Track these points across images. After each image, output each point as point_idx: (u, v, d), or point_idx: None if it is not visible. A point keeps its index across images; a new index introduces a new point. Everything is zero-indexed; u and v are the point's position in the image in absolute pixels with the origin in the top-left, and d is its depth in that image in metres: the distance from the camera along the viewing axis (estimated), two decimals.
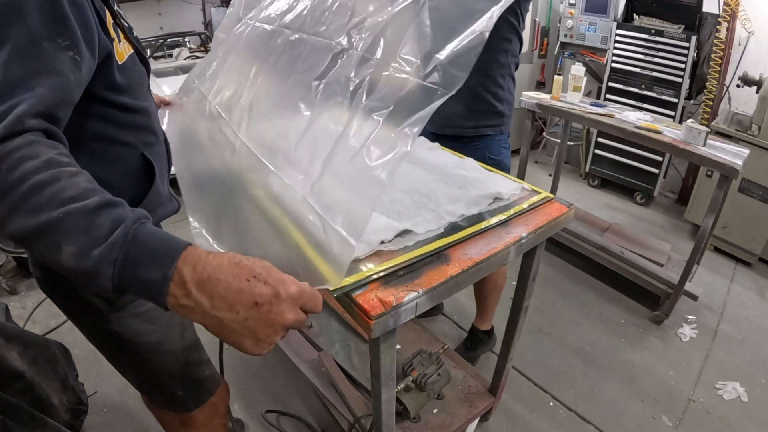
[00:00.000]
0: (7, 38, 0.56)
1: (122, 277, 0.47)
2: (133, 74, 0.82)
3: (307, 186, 0.74)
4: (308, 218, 0.70)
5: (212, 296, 0.47)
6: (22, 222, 0.47)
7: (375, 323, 0.75)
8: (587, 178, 3.82)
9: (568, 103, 2.46)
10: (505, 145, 1.61)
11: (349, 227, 0.64)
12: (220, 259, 0.48)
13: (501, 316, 2.09)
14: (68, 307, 0.91)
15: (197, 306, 0.47)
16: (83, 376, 1.67)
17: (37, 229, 0.47)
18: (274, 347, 0.51)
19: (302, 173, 0.77)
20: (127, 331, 0.89)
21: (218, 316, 0.47)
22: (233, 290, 0.47)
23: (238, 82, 1.11)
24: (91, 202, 0.48)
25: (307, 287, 0.52)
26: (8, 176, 0.48)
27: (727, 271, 2.69)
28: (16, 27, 0.57)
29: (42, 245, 0.48)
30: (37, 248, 0.49)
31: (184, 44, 6.13)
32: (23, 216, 0.47)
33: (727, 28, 2.94)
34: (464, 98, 1.51)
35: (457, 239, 0.92)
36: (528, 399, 1.77)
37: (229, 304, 0.47)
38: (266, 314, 0.48)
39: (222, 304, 0.47)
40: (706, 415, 1.72)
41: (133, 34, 0.86)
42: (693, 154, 1.92)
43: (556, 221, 1.06)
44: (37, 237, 0.48)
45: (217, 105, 1.12)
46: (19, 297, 2.27)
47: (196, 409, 1.06)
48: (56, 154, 0.52)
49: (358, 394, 1.51)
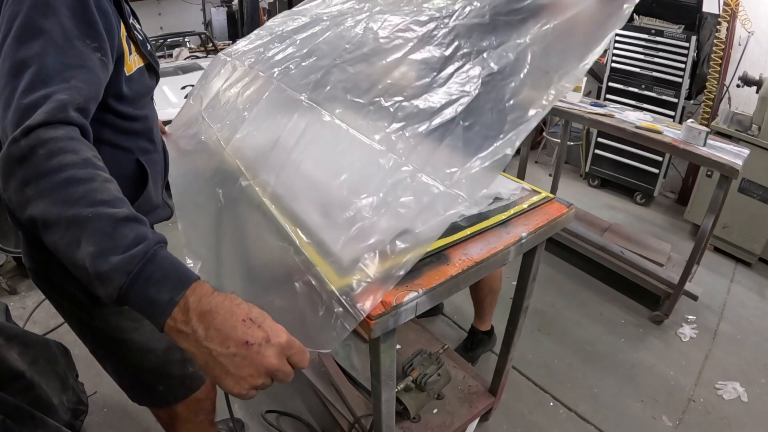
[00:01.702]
0: (41, 31, 0.58)
1: (131, 289, 0.48)
2: (139, 86, 0.84)
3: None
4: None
5: (208, 327, 0.49)
6: (49, 209, 0.49)
7: (375, 323, 0.75)
8: (587, 178, 3.82)
9: (568, 103, 2.46)
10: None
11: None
12: (224, 297, 0.51)
13: (501, 316, 2.09)
14: (56, 299, 0.92)
15: (192, 334, 0.49)
16: (83, 376, 1.67)
17: (62, 220, 0.48)
18: (253, 396, 0.51)
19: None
20: (108, 327, 0.91)
21: (209, 348, 0.49)
22: (229, 326, 0.49)
23: (264, 147, 1.08)
24: (120, 211, 0.50)
25: (297, 342, 0.53)
26: (45, 162, 0.50)
27: (727, 271, 2.69)
28: (51, 21, 0.59)
29: (61, 236, 0.49)
30: (54, 237, 0.49)
31: (184, 44, 6.14)
32: (51, 204, 0.49)
33: (727, 28, 2.94)
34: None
35: (457, 239, 0.92)
36: (528, 399, 1.77)
37: (222, 337, 0.48)
38: (254, 354, 0.49)
39: (215, 337, 0.49)
40: (706, 415, 1.72)
41: (147, 48, 0.88)
42: (693, 154, 1.92)
43: (556, 221, 1.06)
44: (59, 227, 0.49)
45: (239, 162, 1.08)
46: (19, 297, 2.27)
47: (177, 403, 1.06)
48: (93, 156, 0.54)
49: (358, 394, 1.51)
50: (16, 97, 0.54)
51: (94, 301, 0.88)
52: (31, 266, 0.90)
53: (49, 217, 0.49)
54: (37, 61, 0.56)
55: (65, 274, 0.85)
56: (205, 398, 1.13)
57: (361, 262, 0.76)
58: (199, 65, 4.14)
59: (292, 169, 0.99)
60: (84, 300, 0.88)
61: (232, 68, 1.43)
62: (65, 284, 0.87)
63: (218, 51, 5.84)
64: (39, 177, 0.49)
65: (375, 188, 0.84)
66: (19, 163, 0.50)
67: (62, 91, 0.55)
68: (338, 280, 0.78)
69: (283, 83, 1.18)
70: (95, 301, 0.88)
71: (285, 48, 1.31)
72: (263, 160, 1.04)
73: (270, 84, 1.20)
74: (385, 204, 0.81)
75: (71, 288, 0.87)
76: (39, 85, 0.55)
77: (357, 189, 0.86)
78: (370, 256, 0.76)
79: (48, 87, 0.55)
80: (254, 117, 1.17)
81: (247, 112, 1.19)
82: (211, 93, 1.41)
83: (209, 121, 1.29)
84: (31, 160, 0.49)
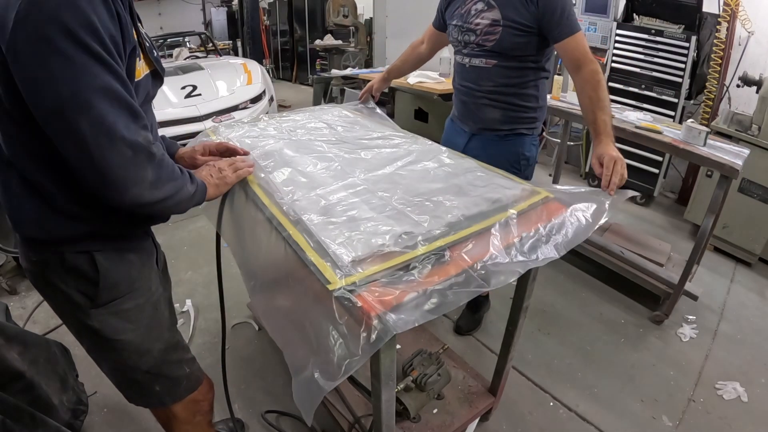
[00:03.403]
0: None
1: (197, 195, 0.94)
2: (144, 92, 0.87)
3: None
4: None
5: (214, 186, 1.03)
6: (175, 195, 0.86)
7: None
8: (587, 178, 3.82)
9: (568, 103, 2.46)
10: (535, 141, 1.70)
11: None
12: (206, 172, 1.06)
13: (501, 316, 2.10)
14: (53, 300, 0.93)
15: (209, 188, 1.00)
16: (83, 376, 1.67)
17: (179, 200, 0.87)
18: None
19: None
20: (104, 327, 0.91)
21: (214, 183, 1.04)
22: (214, 179, 1.05)
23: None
24: (191, 187, 0.91)
25: (234, 161, 1.14)
26: (173, 170, 0.86)
27: (727, 271, 2.69)
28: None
29: (177, 202, 0.87)
30: (172, 203, 0.86)
31: (184, 44, 6.15)
32: (176, 192, 0.86)
33: (727, 28, 2.94)
34: (501, 107, 1.59)
35: (457, 239, 0.92)
36: (528, 399, 1.77)
37: (216, 182, 1.05)
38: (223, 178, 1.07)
39: (213, 184, 1.04)
40: (706, 415, 1.72)
41: (154, 54, 0.90)
42: (693, 154, 1.92)
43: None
44: (174, 202, 0.86)
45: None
46: (19, 297, 2.27)
47: (174, 404, 1.07)
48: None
49: (358, 394, 1.51)
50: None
51: (91, 301, 0.88)
52: (29, 268, 0.90)
53: (170, 199, 0.85)
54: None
55: (64, 275, 0.86)
56: (202, 399, 1.13)
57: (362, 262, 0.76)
58: (199, 65, 4.15)
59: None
60: (81, 301, 0.88)
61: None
62: (63, 286, 0.87)
63: (218, 51, 5.86)
64: (171, 179, 0.85)
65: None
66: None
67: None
68: (337, 281, 0.78)
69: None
70: (93, 301, 0.89)
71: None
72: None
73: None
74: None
75: (68, 289, 0.87)
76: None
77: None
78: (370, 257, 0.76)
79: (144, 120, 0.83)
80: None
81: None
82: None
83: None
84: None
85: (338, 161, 1.26)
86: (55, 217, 0.82)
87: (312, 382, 0.78)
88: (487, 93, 1.58)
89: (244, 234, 1.14)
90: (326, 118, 1.68)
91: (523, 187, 1.15)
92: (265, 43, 8.10)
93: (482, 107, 1.61)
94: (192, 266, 2.54)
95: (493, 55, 1.51)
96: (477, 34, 1.51)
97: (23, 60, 0.66)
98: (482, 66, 1.55)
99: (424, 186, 1.13)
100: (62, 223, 0.82)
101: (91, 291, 0.88)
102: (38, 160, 0.78)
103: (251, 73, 4.18)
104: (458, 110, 1.73)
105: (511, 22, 1.43)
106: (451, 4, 1.63)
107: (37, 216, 0.82)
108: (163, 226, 0.96)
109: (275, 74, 8.34)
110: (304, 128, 1.56)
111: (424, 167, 1.24)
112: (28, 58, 0.66)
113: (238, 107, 3.75)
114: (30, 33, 0.64)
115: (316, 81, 4.98)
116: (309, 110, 1.82)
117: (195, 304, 2.22)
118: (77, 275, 0.87)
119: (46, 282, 0.89)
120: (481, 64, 1.55)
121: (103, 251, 0.88)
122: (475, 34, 1.51)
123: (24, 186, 0.80)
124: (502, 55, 1.50)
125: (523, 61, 1.51)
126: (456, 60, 1.67)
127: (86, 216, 0.84)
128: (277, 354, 1.91)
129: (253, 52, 7.26)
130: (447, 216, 0.98)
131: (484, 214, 1.01)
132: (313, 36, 7.22)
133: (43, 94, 0.67)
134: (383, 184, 1.13)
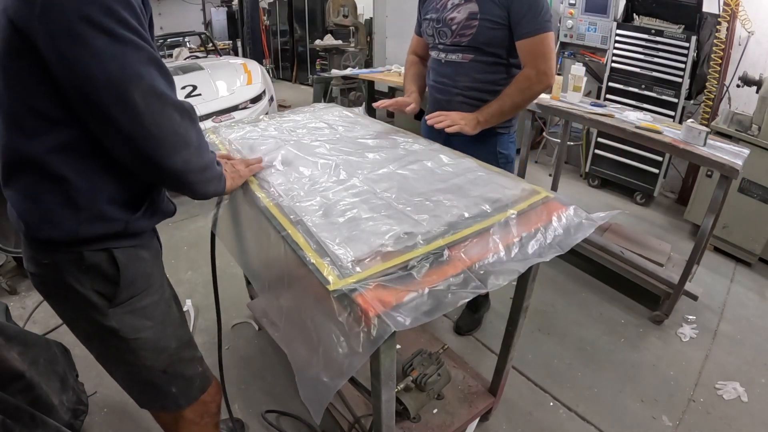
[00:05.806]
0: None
1: (222, 180, 0.99)
2: None
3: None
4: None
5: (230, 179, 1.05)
6: (212, 168, 0.93)
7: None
8: (587, 178, 3.82)
9: (568, 103, 2.46)
10: (512, 140, 1.71)
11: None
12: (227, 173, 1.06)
13: (501, 316, 2.10)
14: (63, 303, 0.91)
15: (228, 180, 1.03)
16: (83, 376, 1.67)
17: (212, 175, 0.93)
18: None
19: None
20: (123, 326, 0.90)
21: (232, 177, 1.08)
22: (231, 175, 1.07)
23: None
24: (219, 168, 0.97)
25: (249, 161, 1.22)
26: (207, 142, 0.92)
27: (727, 271, 2.69)
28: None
29: (212, 176, 0.93)
30: (210, 175, 0.93)
31: (184, 44, 6.15)
32: (212, 163, 0.93)
33: (727, 28, 2.94)
34: (476, 105, 1.57)
35: (457, 239, 0.92)
36: (528, 399, 1.77)
37: (232, 176, 1.08)
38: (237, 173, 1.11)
39: (232, 178, 1.07)
40: (706, 415, 1.72)
41: (159, 54, 0.90)
42: (693, 154, 1.92)
43: None
44: (211, 175, 0.93)
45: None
46: (19, 297, 2.27)
47: (188, 406, 1.07)
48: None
49: (358, 394, 1.51)
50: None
51: (109, 301, 0.87)
52: (37, 272, 0.87)
53: (201, 174, 0.89)
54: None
55: (80, 275, 0.84)
56: (211, 401, 1.13)
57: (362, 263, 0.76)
58: (199, 65, 4.14)
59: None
60: (98, 301, 0.86)
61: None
62: (78, 286, 0.85)
63: (218, 51, 5.85)
64: (205, 150, 0.91)
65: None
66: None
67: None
68: (338, 281, 0.78)
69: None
70: (111, 301, 0.87)
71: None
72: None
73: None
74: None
75: (85, 290, 0.85)
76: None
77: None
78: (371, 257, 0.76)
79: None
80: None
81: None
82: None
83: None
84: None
85: (338, 161, 1.26)
86: (77, 215, 0.80)
87: (318, 381, 0.78)
88: (462, 89, 1.58)
89: (244, 234, 1.14)
90: (327, 118, 1.68)
91: (523, 187, 1.15)
92: (265, 43, 8.11)
93: (456, 105, 1.59)
94: (192, 266, 2.54)
95: (470, 50, 1.51)
96: (453, 29, 1.50)
97: (62, 42, 0.66)
98: (458, 61, 1.55)
99: (424, 186, 1.13)
100: (84, 221, 0.81)
101: (109, 290, 0.87)
102: (68, 154, 0.77)
103: (251, 73, 4.18)
104: (432, 109, 1.68)
105: (488, 15, 1.43)
106: (428, 0, 1.62)
107: (57, 216, 0.79)
108: (163, 226, 0.96)
109: (275, 74, 8.34)
110: (305, 128, 1.56)
111: (424, 167, 1.25)
112: (68, 40, 0.66)
113: (238, 107, 3.75)
114: (68, 14, 0.65)
115: (316, 81, 4.98)
116: (309, 110, 1.82)
117: (195, 304, 2.22)
118: (95, 274, 0.85)
119: (58, 285, 0.86)
120: (458, 59, 1.55)
121: (121, 248, 0.86)
122: (450, 29, 1.51)
123: (42, 186, 0.78)
124: (479, 50, 1.50)
125: (498, 56, 1.51)
126: (431, 56, 1.66)
127: (110, 213, 0.83)
128: (276, 354, 1.91)
129: (253, 52, 7.26)
130: (447, 216, 0.99)
131: (484, 214, 1.01)
132: (313, 36, 7.22)
133: (89, 72, 0.67)
134: (383, 184, 1.13)
